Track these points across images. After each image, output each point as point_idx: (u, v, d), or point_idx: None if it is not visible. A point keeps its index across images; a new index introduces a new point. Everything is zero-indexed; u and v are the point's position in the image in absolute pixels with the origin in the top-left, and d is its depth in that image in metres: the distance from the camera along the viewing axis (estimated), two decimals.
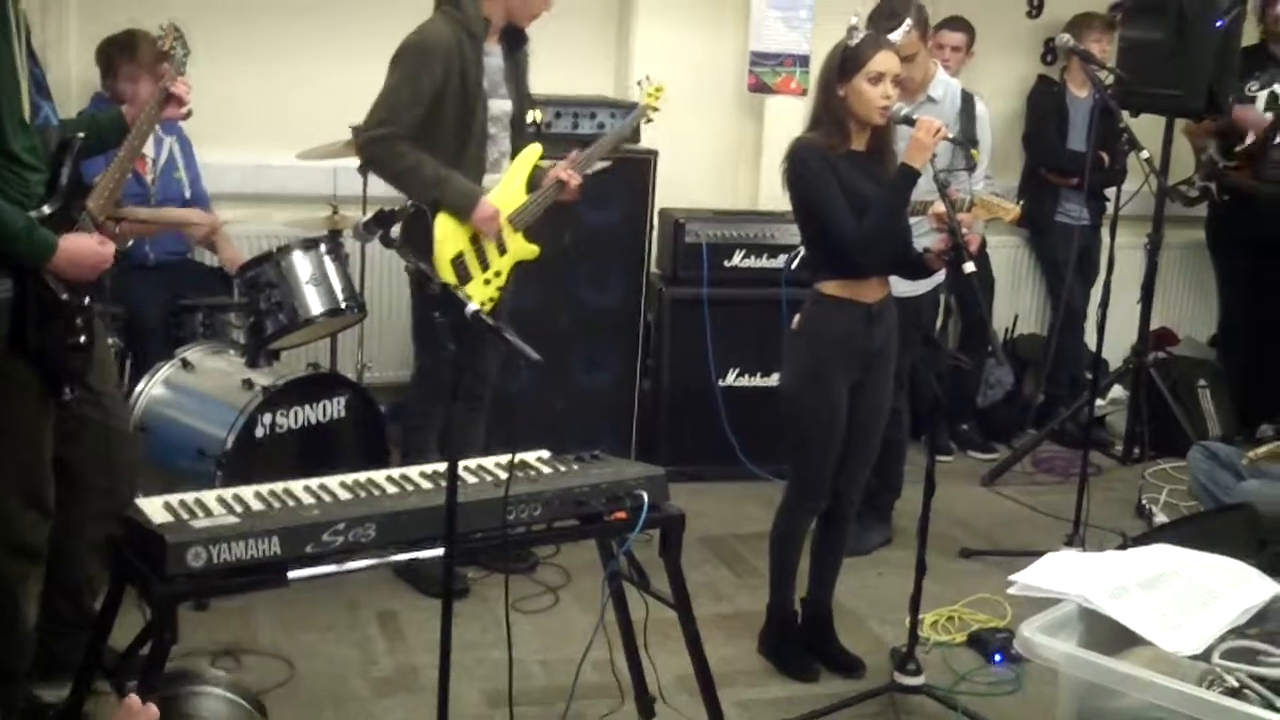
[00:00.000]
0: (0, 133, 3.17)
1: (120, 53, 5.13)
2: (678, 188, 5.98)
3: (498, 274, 4.57)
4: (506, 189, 4.58)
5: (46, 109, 3.47)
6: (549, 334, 5.53)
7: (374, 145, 4.44)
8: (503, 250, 4.58)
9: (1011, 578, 2.98)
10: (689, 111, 6.24)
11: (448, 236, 4.42)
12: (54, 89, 3.74)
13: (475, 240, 4.50)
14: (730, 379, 5.83)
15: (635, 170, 5.68)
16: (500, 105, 4.61)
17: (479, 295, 4.45)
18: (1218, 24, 5.32)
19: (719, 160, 6.45)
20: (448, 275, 4.38)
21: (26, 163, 3.26)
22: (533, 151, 4.66)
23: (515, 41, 4.64)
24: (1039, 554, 3.18)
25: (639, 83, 4.98)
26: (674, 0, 6.27)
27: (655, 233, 5.85)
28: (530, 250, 4.65)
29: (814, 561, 4.29)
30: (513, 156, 4.67)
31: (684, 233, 5.79)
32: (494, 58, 4.57)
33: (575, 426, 5.44)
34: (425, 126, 4.40)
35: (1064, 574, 2.90)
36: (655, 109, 5.00)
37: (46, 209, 3.29)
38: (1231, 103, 5.89)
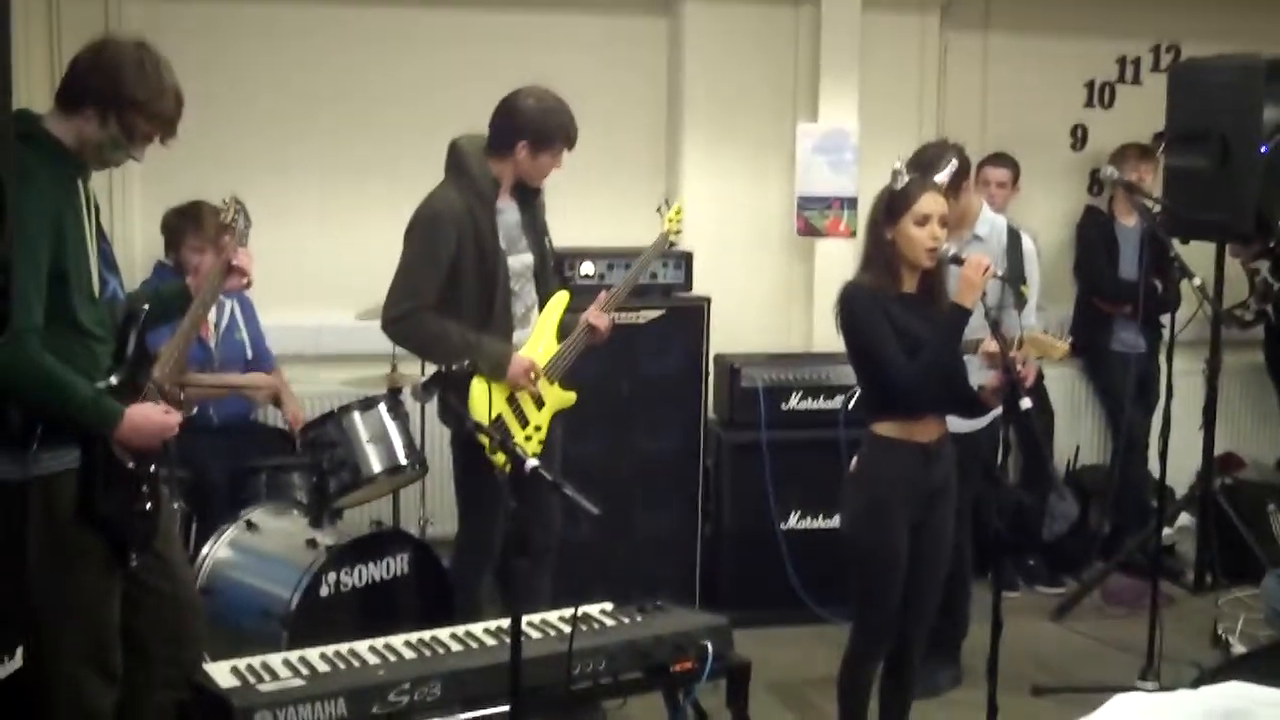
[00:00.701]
0: (70, 307, 3.27)
1: (185, 224, 5.28)
2: (732, 332, 6.03)
3: (538, 428, 4.57)
4: (537, 341, 4.60)
5: (114, 283, 3.56)
6: (608, 482, 5.55)
7: (398, 324, 4.44)
8: (540, 404, 4.58)
9: None
10: (740, 256, 6.35)
11: (485, 399, 4.40)
12: (119, 259, 3.86)
13: (512, 399, 4.50)
14: (792, 521, 5.81)
15: (689, 317, 5.74)
16: (521, 259, 4.60)
17: (525, 450, 4.45)
18: (1262, 149, 5.34)
19: (772, 303, 6.51)
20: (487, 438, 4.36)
21: (95, 335, 3.36)
22: (560, 300, 4.68)
23: (529, 193, 4.63)
24: (1113, 689, 3.11)
25: (659, 209, 5.01)
26: (720, 149, 6.38)
27: (711, 378, 5.88)
28: (567, 399, 4.66)
29: (883, 705, 4.23)
30: (540, 306, 4.70)
31: (740, 377, 5.82)
32: (509, 214, 4.57)
33: (637, 574, 5.43)
34: (448, 293, 4.42)
35: (1132, 717, 2.85)
36: (678, 231, 5.00)
37: (113, 379, 3.37)
38: None
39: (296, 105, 6.08)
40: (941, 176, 4.09)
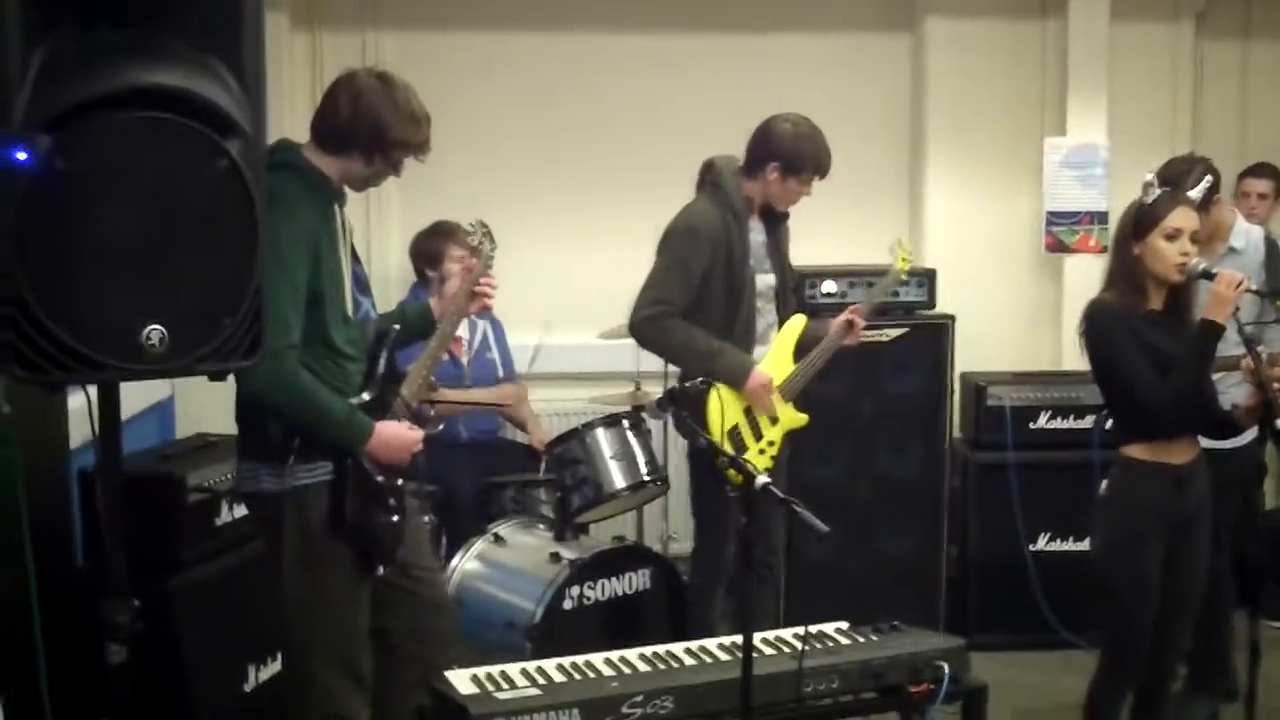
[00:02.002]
0: (325, 328, 3.43)
1: (441, 240, 5.48)
2: (978, 351, 5.94)
3: (771, 443, 4.61)
4: (774, 359, 4.64)
5: (366, 304, 3.73)
6: (851, 504, 5.54)
7: (647, 324, 4.54)
8: (774, 420, 4.61)
9: None
10: (986, 275, 6.25)
11: (723, 409, 4.45)
12: (376, 281, 4.02)
13: (748, 412, 4.56)
14: (1041, 544, 5.67)
15: (933, 335, 5.67)
16: (765, 279, 4.69)
17: (756, 464, 4.48)
18: None
19: (1019, 322, 6.39)
20: (724, 447, 4.40)
21: (347, 354, 3.51)
22: (797, 322, 4.71)
23: (775, 217, 4.72)
24: None
25: (891, 247, 4.98)
26: (964, 165, 6.32)
27: (956, 397, 5.80)
28: (800, 419, 4.68)
29: None
30: (779, 328, 4.73)
31: (986, 396, 5.72)
32: (756, 234, 4.66)
33: (881, 596, 5.37)
34: (695, 303, 4.51)
35: None
36: (907, 271, 4.97)
37: (365, 395, 3.52)
38: None
39: (538, 130, 6.27)
40: (1194, 192, 3.96)
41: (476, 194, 5.51)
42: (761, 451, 4.57)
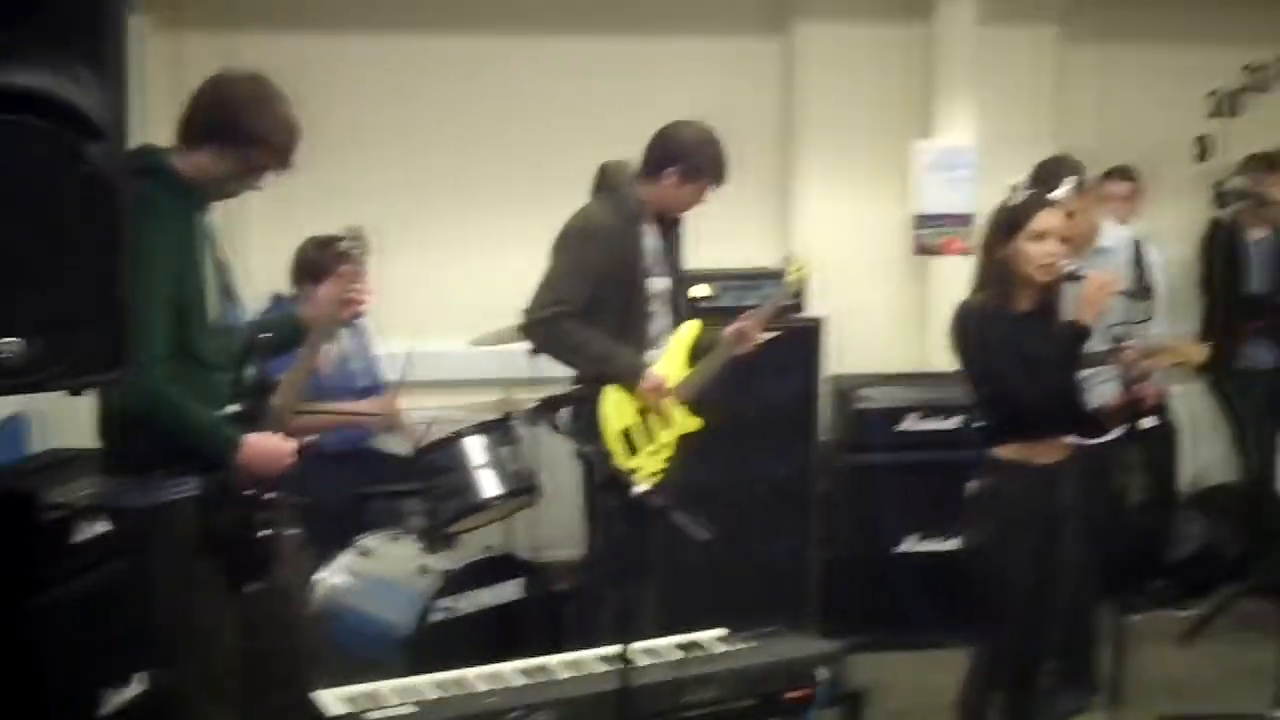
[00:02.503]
0: (189, 338, 3.34)
1: (334, 257, 5.32)
2: (848, 353, 5.97)
3: (665, 445, 4.60)
4: (668, 363, 4.65)
5: (233, 313, 3.62)
6: (727, 507, 5.52)
7: (541, 325, 4.52)
8: (668, 423, 4.61)
9: None
10: (854, 277, 6.28)
11: (616, 410, 4.48)
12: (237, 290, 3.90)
13: (642, 413, 4.55)
14: (910, 544, 5.73)
15: (803, 338, 5.69)
16: (658, 283, 4.69)
17: (648, 467, 4.48)
18: None
19: (887, 324, 6.45)
20: (616, 448, 4.43)
21: (213, 364, 3.41)
22: (691, 327, 4.72)
23: (669, 222, 4.73)
24: (1244, 717, 3.03)
25: (785, 259, 5.01)
26: (835, 169, 6.37)
27: (826, 400, 5.82)
28: (694, 422, 4.69)
29: None
30: (671, 332, 4.73)
31: (853, 399, 5.76)
32: (650, 238, 4.66)
33: (756, 599, 5.38)
34: (589, 306, 4.49)
35: None
36: (799, 287, 5.00)
37: (232, 408, 3.42)
38: None
39: (410, 137, 6.19)
40: (1060, 193, 4.02)
41: (341, 200, 5.38)
42: (654, 453, 4.56)
